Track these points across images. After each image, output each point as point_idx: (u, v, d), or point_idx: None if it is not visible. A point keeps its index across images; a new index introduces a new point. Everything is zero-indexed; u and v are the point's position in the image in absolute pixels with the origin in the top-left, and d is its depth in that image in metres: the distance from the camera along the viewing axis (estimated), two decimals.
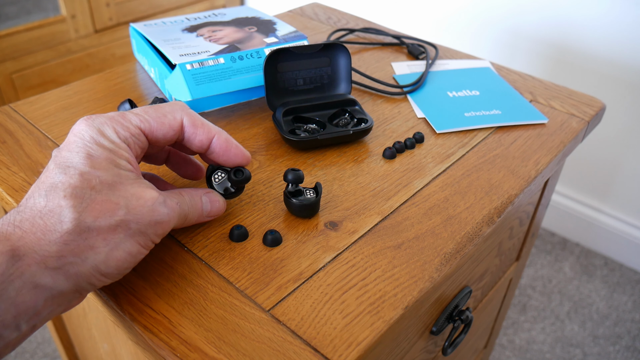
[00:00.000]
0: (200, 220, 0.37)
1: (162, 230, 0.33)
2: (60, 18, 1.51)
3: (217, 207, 0.38)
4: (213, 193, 0.38)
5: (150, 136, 0.35)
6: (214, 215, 0.38)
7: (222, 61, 0.51)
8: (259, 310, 0.34)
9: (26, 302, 0.28)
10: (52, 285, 0.29)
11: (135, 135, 0.34)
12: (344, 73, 0.53)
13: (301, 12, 0.81)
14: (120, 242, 0.31)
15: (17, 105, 0.55)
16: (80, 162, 0.31)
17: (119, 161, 0.32)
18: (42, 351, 1.20)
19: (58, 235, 0.29)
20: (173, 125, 0.35)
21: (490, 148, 0.51)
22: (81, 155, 0.31)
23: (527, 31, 1.35)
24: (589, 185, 1.45)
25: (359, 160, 0.48)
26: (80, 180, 0.30)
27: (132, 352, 0.48)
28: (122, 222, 0.31)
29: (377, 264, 0.37)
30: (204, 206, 0.37)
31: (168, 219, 0.33)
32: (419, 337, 0.48)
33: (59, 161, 0.31)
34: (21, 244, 0.28)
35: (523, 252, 0.71)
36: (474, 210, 0.43)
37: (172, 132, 0.35)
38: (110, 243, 0.30)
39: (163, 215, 0.33)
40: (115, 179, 0.31)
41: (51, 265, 0.29)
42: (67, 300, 0.30)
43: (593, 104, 0.59)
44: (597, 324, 1.30)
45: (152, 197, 0.32)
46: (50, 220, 0.29)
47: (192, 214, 0.36)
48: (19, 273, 0.28)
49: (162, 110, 0.35)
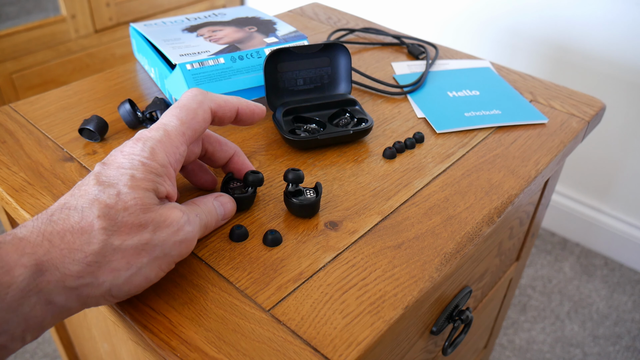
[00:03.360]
0: (217, 225, 0.38)
1: (186, 249, 0.33)
2: (60, 18, 1.51)
3: (229, 209, 0.39)
4: (222, 196, 0.39)
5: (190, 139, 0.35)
6: (227, 217, 0.39)
7: (222, 61, 0.51)
8: (259, 310, 0.34)
9: (37, 317, 0.28)
10: (64, 304, 0.29)
11: (182, 154, 0.34)
12: (344, 73, 0.53)
13: (301, 12, 0.81)
14: (142, 267, 0.31)
15: (17, 105, 0.55)
16: (122, 183, 0.30)
17: (159, 188, 0.32)
18: (42, 351, 1.20)
19: (83, 256, 0.28)
20: (206, 119, 0.35)
21: (490, 148, 0.51)
22: (126, 177, 0.31)
23: (527, 31, 1.35)
24: (589, 185, 1.45)
25: (359, 160, 0.48)
26: (116, 201, 0.30)
27: (132, 352, 0.48)
28: (147, 244, 0.30)
29: (377, 263, 0.37)
30: (217, 210, 0.37)
31: (192, 237, 0.33)
32: (419, 337, 0.48)
33: (102, 179, 0.31)
34: (46, 259, 0.28)
35: (523, 252, 0.71)
36: (474, 210, 0.43)
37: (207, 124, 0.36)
38: (133, 268, 0.30)
39: (187, 233, 0.33)
40: (150, 201, 0.31)
41: (69, 285, 0.28)
42: (69, 314, 0.31)
43: (593, 104, 0.59)
44: (597, 324, 1.30)
45: (178, 217, 0.32)
46: (80, 239, 0.29)
47: (210, 222, 0.36)
48: (38, 289, 0.27)
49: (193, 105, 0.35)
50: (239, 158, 0.42)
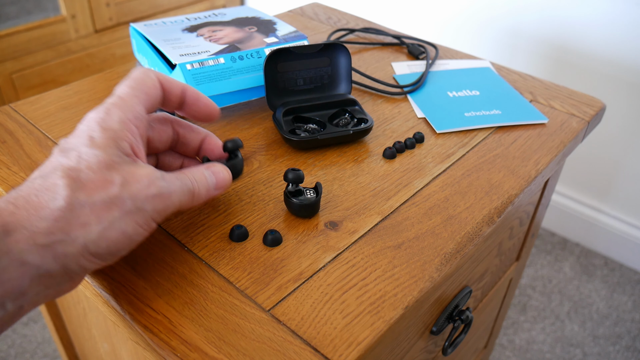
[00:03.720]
0: (209, 194, 0.36)
1: (162, 204, 0.32)
2: (60, 18, 1.51)
3: (222, 178, 0.37)
4: (215, 165, 0.38)
5: (148, 106, 0.35)
6: (220, 187, 0.37)
7: (222, 61, 0.51)
8: (259, 310, 0.34)
9: (12, 281, 0.27)
10: (40, 263, 0.28)
11: (139, 114, 0.34)
12: (344, 73, 0.53)
13: (301, 12, 0.81)
14: (114, 221, 0.30)
15: (17, 105, 0.55)
16: (82, 144, 0.31)
17: (121, 143, 0.32)
18: (42, 351, 1.20)
19: (49, 212, 0.28)
20: (155, 85, 0.36)
21: (490, 148, 0.51)
22: (84, 139, 0.31)
23: (527, 31, 1.35)
24: (589, 185, 1.45)
25: (359, 160, 0.48)
26: (78, 160, 0.30)
27: (132, 352, 0.48)
28: (117, 198, 0.30)
29: (377, 263, 0.37)
30: (208, 179, 0.36)
31: (168, 192, 0.32)
32: (419, 337, 0.48)
33: (62, 146, 0.32)
34: (12, 220, 0.28)
35: (523, 252, 0.71)
36: (474, 210, 0.43)
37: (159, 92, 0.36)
38: (104, 221, 0.30)
39: (161, 187, 0.32)
40: (114, 158, 0.31)
41: (40, 242, 0.28)
42: (55, 282, 0.30)
43: (593, 104, 0.59)
44: (597, 324, 1.30)
45: (148, 172, 0.32)
46: (44, 198, 0.29)
47: (200, 189, 0.35)
48: (7, 249, 0.27)
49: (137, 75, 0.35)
50: (212, 139, 0.41)
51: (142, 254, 0.38)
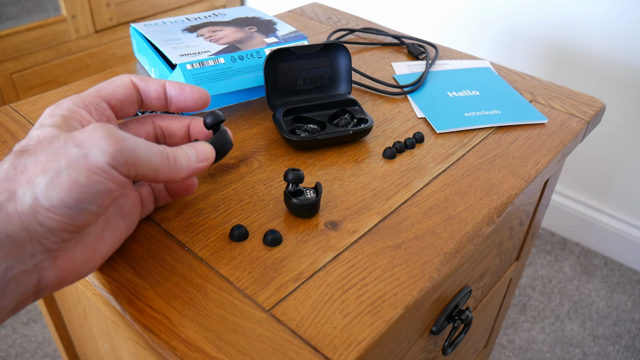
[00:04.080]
0: (190, 166, 0.34)
1: (113, 147, 0.28)
2: (60, 18, 1.51)
3: (204, 151, 0.36)
4: (198, 142, 0.36)
5: (112, 100, 0.36)
6: (203, 159, 0.35)
7: (222, 61, 0.52)
8: (259, 309, 0.34)
9: None
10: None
11: (95, 102, 0.35)
12: (344, 73, 0.53)
13: (301, 12, 0.81)
14: (61, 170, 0.28)
15: (18, 105, 0.55)
16: (33, 132, 0.32)
17: (71, 122, 0.32)
18: (42, 351, 1.20)
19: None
20: (125, 83, 0.36)
21: (490, 148, 0.51)
22: (35, 127, 0.32)
23: (527, 31, 1.35)
24: (589, 185, 1.45)
25: (359, 160, 0.48)
26: (27, 141, 0.31)
27: (132, 352, 0.48)
28: (61, 148, 0.28)
29: (377, 263, 0.37)
30: (188, 151, 0.34)
31: (121, 136, 0.29)
32: (419, 336, 0.48)
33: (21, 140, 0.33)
34: None
35: (523, 252, 0.71)
36: (474, 210, 0.43)
37: (129, 89, 0.36)
38: (49, 171, 0.28)
39: (112, 131, 0.29)
40: (63, 131, 0.31)
41: None
42: (27, 253, 0.28)
43: (593, 104, 0.59)
44: (597, 323, 1.30)
45: (95, 125, 0.30)
46: None
47: (178, 157, 0.33)
48: None
49: (111, 79, 0.37)
50: (197, 122, 0.39)
51: (142, 254, 0.38)
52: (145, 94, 0.37)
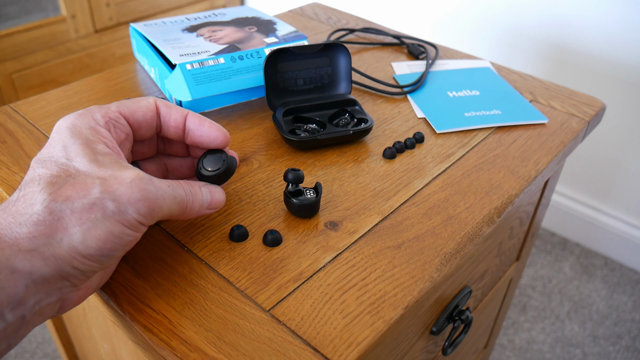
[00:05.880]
0: (201, 212, 0.36)
1: (146, 208, 0.31)
2: (60, 18, 1.51)
3: (217, 198, 0.37)
4: (215, 188, 0.38)
5: (130, 118, 0.36)
6: (214, 206, 0.37)
7: (222, 61, 0.51)
8: (259, 310, 0.34)
9: (6, 289, 0.27)
10: (30, 269, 0.28)
11: (115, 119, 0.35)
12: (344, 73, 0.53)
13: (301, 12, 0.81)
14: (97, 222, 0.29)
15: (17, 105, 0.55)
16: (58, 154, 0.31)
17: (95, 146, 0.32)
18: (42, 351, 1.20)
19: (27, 217, 0.28)
20: (149, 105, 0.37)
21: (490, 148, 0.51)
22: (58, 148, 0.32)
23: (527, 31, 1.35)
24: (589, 185, 1.45)
25: (359, 160, 0.48)
26: (57, 170, 0.30)
27: (132, 352, 0.48)
28: (98, 200, 0.29)
29: (377, 264, 0.37)
30: (204, 196, 0.36)
31: (154, 197, 0.31)
32: (419, 337, 0.48)
33: (38, 157, 0.32)
34: None
35: (523, 252, 0.71)
36: (474, 210, 0.43)
37: (150, 112, 0.37)
38: (86, 222, 0.29)
39: (146, 192, 0.31)
40: (93, 163, 0.31)
41: (24, 248, 0.28)
42: (55, 288, 0.29)
43: (593, 104, 0.59)
44: (597, 324, 1.30)
45: (132, 175, 0.31)
46: (22, 205, 0.29)
47: (193, 204, 0.35)
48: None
49: (136, 98, 0.37)
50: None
51: (142, 254, 0.38)
52: (164, 121, 0.38)
